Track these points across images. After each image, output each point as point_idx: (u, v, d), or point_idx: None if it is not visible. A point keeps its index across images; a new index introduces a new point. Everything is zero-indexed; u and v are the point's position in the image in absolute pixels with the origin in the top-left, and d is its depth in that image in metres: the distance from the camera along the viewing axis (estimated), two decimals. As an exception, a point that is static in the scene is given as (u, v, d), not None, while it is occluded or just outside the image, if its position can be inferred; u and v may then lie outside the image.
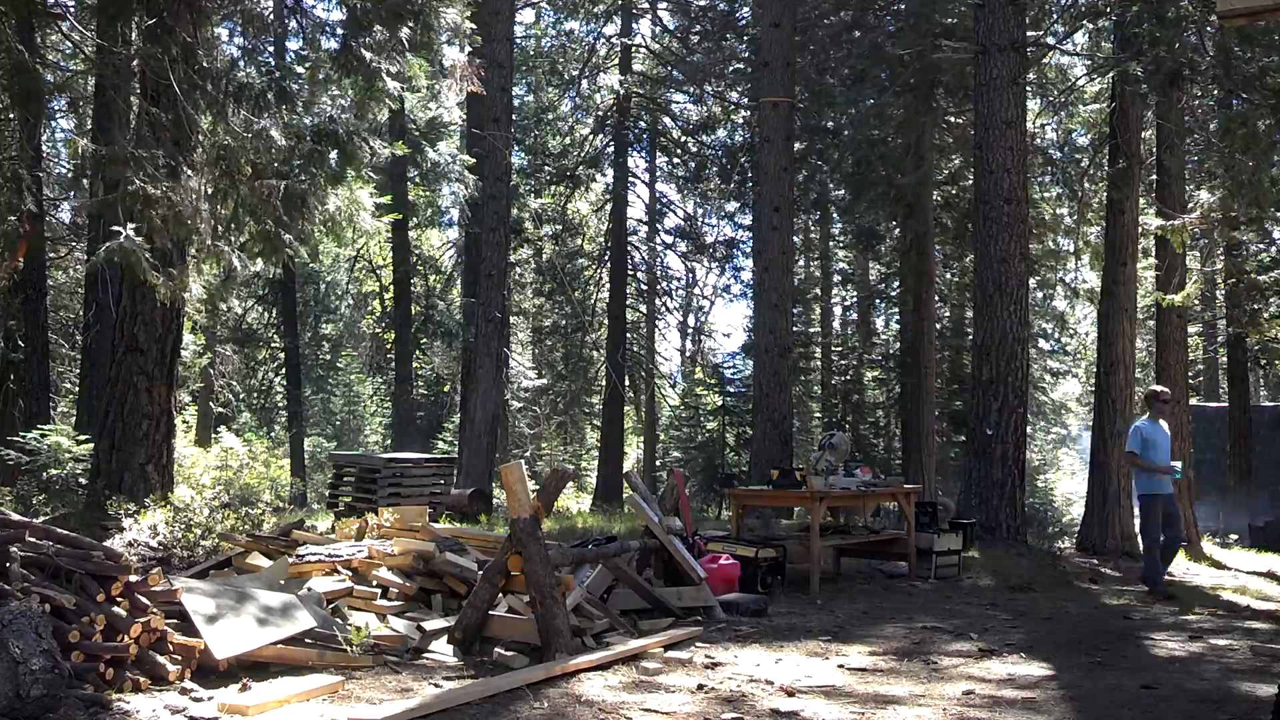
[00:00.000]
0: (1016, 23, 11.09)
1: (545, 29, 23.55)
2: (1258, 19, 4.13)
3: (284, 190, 7.99)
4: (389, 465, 12.00)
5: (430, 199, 21.55)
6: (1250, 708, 4.53)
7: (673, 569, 6.94)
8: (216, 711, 4.00)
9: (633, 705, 4.34)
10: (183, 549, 7.76)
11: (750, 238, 20.89)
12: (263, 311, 25.14)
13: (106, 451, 8.94)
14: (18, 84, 7.54)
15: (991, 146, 11.02)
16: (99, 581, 4.30)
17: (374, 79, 8.30)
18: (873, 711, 4.41)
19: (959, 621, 6.82)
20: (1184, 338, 14.43)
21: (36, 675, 3.53)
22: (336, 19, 9.12)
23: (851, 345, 24.68)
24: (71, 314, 17.99)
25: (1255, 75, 9.62)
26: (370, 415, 29.02)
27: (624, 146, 21.95)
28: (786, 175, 14.37)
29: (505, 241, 15.55)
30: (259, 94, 7.98)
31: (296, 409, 22.97)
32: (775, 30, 14.37)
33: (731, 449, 20.44)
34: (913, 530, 8.82)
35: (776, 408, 13.77)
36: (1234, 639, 6.40)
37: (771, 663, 5.37)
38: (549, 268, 23.25)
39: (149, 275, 7.39)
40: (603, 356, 22.85)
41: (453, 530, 7.06)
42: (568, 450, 28.33)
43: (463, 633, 5.26)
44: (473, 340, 15.35)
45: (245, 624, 4.66)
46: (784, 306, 14.06)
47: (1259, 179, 9.77)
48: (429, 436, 22.57)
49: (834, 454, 8.96)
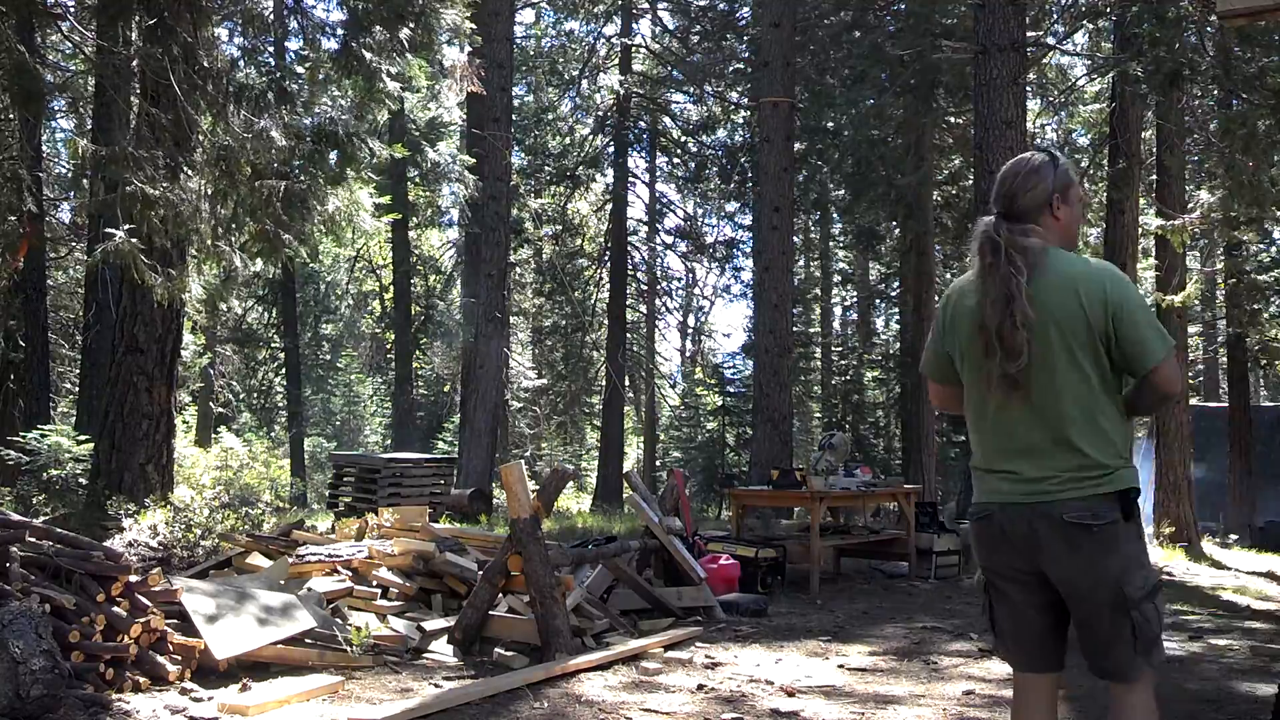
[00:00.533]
0: (1016, 23, 11.07)
1: (545, 29, 23.57)
2: (1258, 19, 4.14)
3: (284, 190, 7.98)
4: (389, 465, 12.00)
5: (430, 199, 21.56)
6: (1250, 708, 4.53)
7: (673, 569, 6.94)
8: (216, 711, 4.00)
9: (633, 705, 4.34)
10: (183, 549, 7.76)
11: (750, 238, 20.90)
12: (263, 311, 25.15)
13: (106, 451, 8.94)
14: (18, 84, 7.53)
15: (991, 147, 11.01)
16: (99, 581, 4.30)
17: (374, 79, 8.30)
18: (873, 711, 4.41)
19: (959, 621, 6.82)
20: (1184, 338, 14.43)
21: (36, 675, 3.53)
22: (336, 19, 9.15)
23: (851, 345, 24.71)
24: (71, 314, 17.99)
25: (1255, 75, 9.62)
26: (370, 415, 29.03)
27: (624, 146, 21.96)
28: (786, 175, 14.37)
29: (505, 241, 15.56)
30: (259, 94, 7.97)
31: (296, 409, 22.99)
32: (775, 30, 14.37)
33: (731, 449, 20.44)
34: (913, 530, 8.82)
35: (776, 408, 13.77)
36: (1234, 639, 6.40)
37: (771, 663, 5.38)
38: (549, 268, 23.26)
39: (146, 275, 7.39)
40: (603, 356, 22.85)
41: (453, 530, 7.06)
42: (568, 450, 28.34)
43: (463, 633, 5.26)
44: (473, 340, 15.34)
45: (245, 624, 4.66)
46: (784, 306, 14.06)
47: (1259, 179, 9.77)
48: (429, 436, 22.59)
49: (834, 454, 8.97)
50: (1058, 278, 2.46)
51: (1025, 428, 2.48)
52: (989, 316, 2.46)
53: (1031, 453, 2.48)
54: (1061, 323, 2.43)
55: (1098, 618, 2.43)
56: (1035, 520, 2.45)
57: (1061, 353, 2.44)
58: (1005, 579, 2.57)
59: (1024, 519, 2.47)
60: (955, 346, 2.63)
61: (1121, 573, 2.40)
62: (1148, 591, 2.43)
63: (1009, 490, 2.51)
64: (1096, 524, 2.39)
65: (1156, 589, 2.48)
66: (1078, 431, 2.43)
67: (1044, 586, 2.51)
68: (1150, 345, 2.42)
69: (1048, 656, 2.58)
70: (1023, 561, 2.50)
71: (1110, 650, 2.43)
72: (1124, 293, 2.44)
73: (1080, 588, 2.43)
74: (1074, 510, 2.40)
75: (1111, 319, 2.42)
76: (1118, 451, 2.46)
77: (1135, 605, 2.40)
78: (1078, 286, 2.45)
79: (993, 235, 2.52)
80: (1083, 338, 2.43)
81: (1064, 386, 2.44)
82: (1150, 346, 2.42)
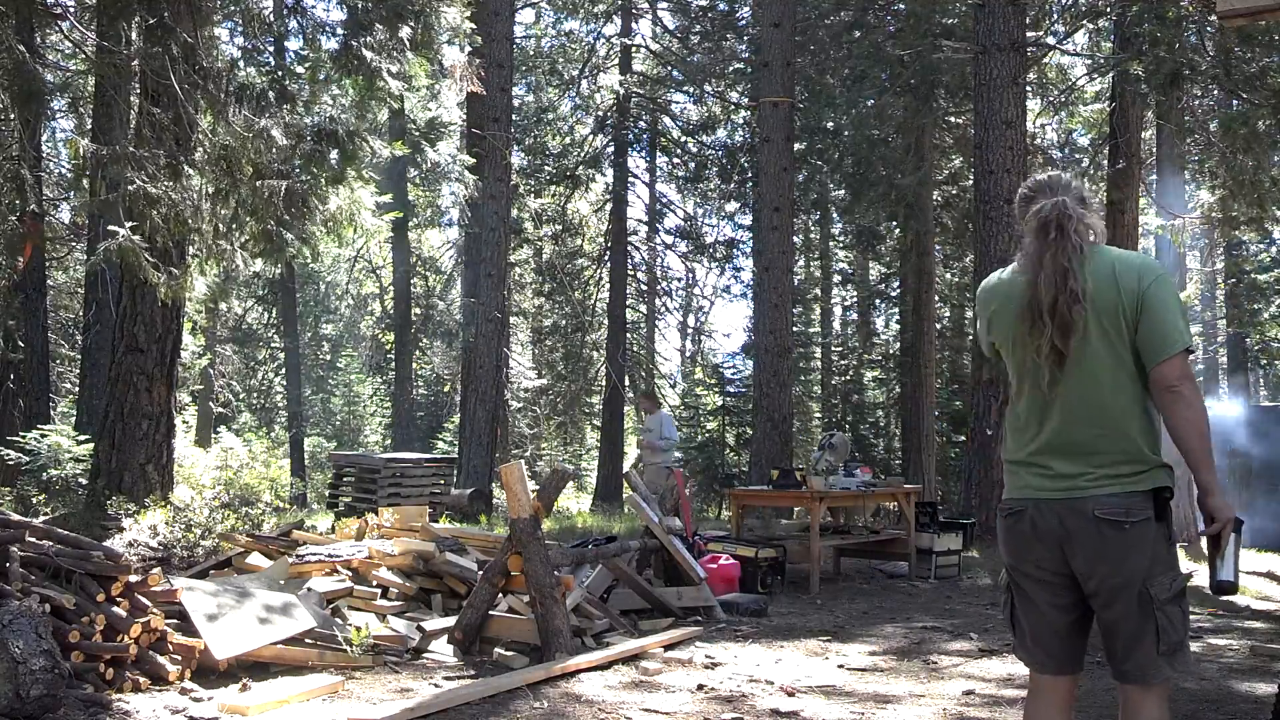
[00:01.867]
0: (1016, 23, 11.09)
1: (545, 29, 23.55)
2: (1258, 19, 4.14)
3: (285, 190, 7.99)
4: (389, 465, 12.00)
5: (430, 199, 21.56)
6: (1249, 708, 4.54)
7: (673, 569, 6.94)
8: (216, 711, 4.00)
9: (632, 705, 4.34)
10: (183, 549, 7.77)
11: (750, 238, 20.89)
12: (263, 311, 25.16)
13: (106, 451, 8.95)
14: (18, 84, 7.54)
15: (991, 146, 11.03)
16: (99, 581, 4.30)
17: (374, 79, 8.30)
18: (872, 711, 4.41)
19: (959, 621, 6.82)
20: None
21: (36, 675, 3.53)
22: (337, 19, 9.14)
23: (851, 345, 24.69)
24: (71, 314, 18.00)
25: (1255, 75, 9.63)
26: (370, 415, 29.01)
27: (624, 146, 21.95)
28: (786, 175, 14.37)
29: (505, 241, 15.56)
30: (259, 94, 7.98)
31: (296, 409, 22.99)
32: (775, 30, 14.38)
33: (731, 449, 20.43)
34: (913, 530, 8.82)
35: (776, 408, 13.78)
36: (1233, 639, 6.40)
37: (771, 662, 5.38)
38: (549, 268, 23.25)
39: (149, 274, 7.40)
40: (603, 356, 22.84)
41: (453, 530, 7.06)
42: (568, 450, 28.32)
43: (463, 633, 5.26)
44: (473, 340, 15.35)
45: (245, 624, 4.66)
46: (784, 306, 14.06)
47: (1259, 179, 9.78)
48: (429, 436, 22.59)
49: (834, 454, 8.96)
50: (1102, 264, 2.48)
51: (1063, 418, 2.47)
52: (1043, 291, 2.44)
53: (1068, 447, 2.47)
54: (1101, 309, 2.44)
55: (1123, 618, 2.41)
56: (1067, 515, 2.43)
57: (1103, 339, 2.44)
58: (1032, 579, 2.54)
59: (1055, 514, 2.45)
60: (1001, 333, 2.62)
61: (1149, 572, 2.39)
62: (1174, 594, 2.41)
63: (1040, 485, 2.49)
64: (1129, 521, 2.38)
65: (1183, 592, 2.43)
66: (1117, 424, 2.43)
67: (1070, 587, 2.49)
68: (1172, 335, 2.40)
69: (1068, 658, 2.56)
70: (1051, 559, 2.48)
71: (1133, 652, 2.41)
72: (1157, 283, 2.43)
73: (1107, 586, 2.41)
74: (1107, 506, 2.39)
75: (1140, 305, 2.41)
76: (1154, 446, 2.44)
77: (1160, 606, 2.38)
78: (1115, 271, 2.46)
79: (1065, 210, 2.51)
80: (1118, 324, 2.43)
81: (1102, 373, 2.44)
82: (1172, 336, 2.40)
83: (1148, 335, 2.41)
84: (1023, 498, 2.53)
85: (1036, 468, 2.51)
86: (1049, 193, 2.60)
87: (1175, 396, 2.39)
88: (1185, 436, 2.38)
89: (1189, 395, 2.38)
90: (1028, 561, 2.53)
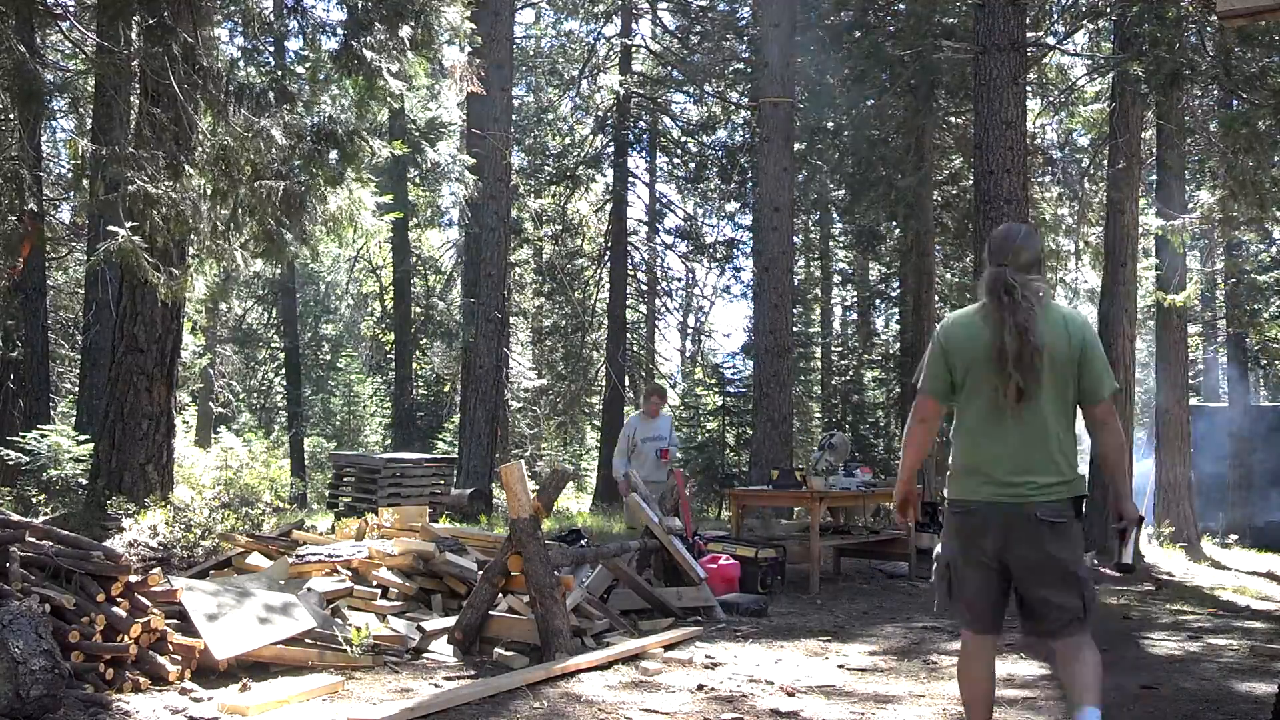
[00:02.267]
0: (1017, 23, 11.07)
1: (545, 29, 23.54)
2: (1258, 19, 4.14)
3: (284, 190, 7.99)
4: (389, 465, 12.01)
5: (430, 199, 21.55)
6: (1249, 708, 4.54)
7: (673, 569, 6.94)
8: (216, 711, 4.00)
9: (632, 705, 4.34)
10: (183, 549, 7.76)
11: (750, 238, 20.87)
12: (263, 311, 25.15)
13: (106, 451, 8.94)
14: (18, 84, 7.53)
15: (991, 147, 11.00)
16: (99, 581, 4.30)
17: (374, 79, 8.29)
18: (872, 711, 4.41)
19: (958, 621, 6.82)
20: (1184, 338, 14.43)
21: (36, 675, 3.53)
22: (337, 19, 9.11)
23: (851, 345, 24.66)
24: (71, 314, 17.98)
25: (1255, 75, 9.62)
26: (370, 415, 28.98)
27: (624, 147, 21.93)
28: (786, 175, 14.36)
29: (505, 241, 15.55)
30: (259, 94, 7.97)
31: (296, 409, 22.98)
32: (775, 30, 14.37)
33: (731, 449, 20.42)
34: (913, 530, 8.82)
35: (776, 408, 13.77)
36: (1233, 639, 6.41)
37: (771, 663, 5.38)
38: (549, 268, 23.23)
39: (149, 274, 7.39)
40: (603, 356, 22.83)
41: (453, 530, 7.06)
42: (568, 450, 28.31)
43: (463, 633, 5.26)
44: (473, 340, 15.35)
45: (245, 624, 4.66)
46: (784, 306, 14.05)
47: (1259, 179, 9.77)
48: (429, 436, 22.56)
49: (834, 454, 8.97)
50: (1054, 319, 3.15)
51: (1016, 441, 3.14)
52: (1009, 344, 3.07)
53: (1019, 464, 3.14)
54: (1054, 355, 3.11)
55: (1050, 590, 3.13)
56: (1013, 516, 3.14)
57: (1052, 380, 3.12)
58: (973, 564, 3.24)
59: (1002, 514, 3.16)
60: (958, 369, 3.22)
61: (1071, 558, 3.15)
62: (1088, 572, 3.22)
63: (992, 492, 3.18)
64: (1059, 520, 3.12)
65: (1090, 570, 3.14)
66: (1056, 447, 3.14)
67: (1000, 571, 3.21)
68: (1106, 382, 3.19)
69: (994, 622, 3.31)
70: (992, 548, 3.18)
71: (1061, 614, 3.13)
72: (1093, 336, 3.21)
73: (1041, 568, 3.14)
74: (1045, 510, 3.12)
75: (1082, 354, 3.14)
76: (1075, 464, 3.19)
77: (1083, 581, 3.15)
78: (1067, 326, 3.15)
79: (1008, 279, 3.15)
80: (1067, 370, 3.14)
81: (1049, 408, 3.13)
82: (1106, 383, 3.19)
83: (1088, 381, 3.16)
84: (976, 499, 3.21)
85: (988, 477, 3.18)
86: (996, 257, 3.23)
87: (1106, 428, 3.22)
88: (1110, 456, 3.24)
89: (1114, 426, 3.22)
90: (974, 549, 3.22)
